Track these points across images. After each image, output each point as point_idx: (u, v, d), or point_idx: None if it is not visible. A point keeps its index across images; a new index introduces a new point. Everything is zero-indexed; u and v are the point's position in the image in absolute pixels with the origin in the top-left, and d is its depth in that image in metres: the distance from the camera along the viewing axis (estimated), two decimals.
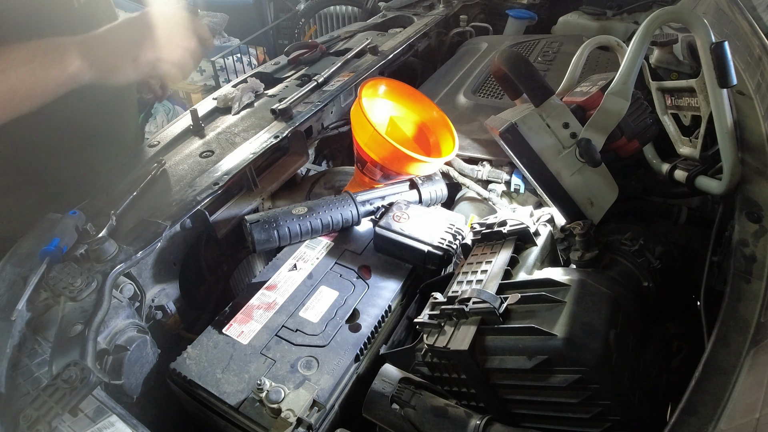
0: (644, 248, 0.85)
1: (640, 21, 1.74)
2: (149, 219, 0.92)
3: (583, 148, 0.92)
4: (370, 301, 0.90)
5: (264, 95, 1.37)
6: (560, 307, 0.67)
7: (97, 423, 0.61)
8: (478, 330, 0.69)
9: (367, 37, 1.77)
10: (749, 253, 0.74)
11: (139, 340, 0.77)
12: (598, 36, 1.10)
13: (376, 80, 1.21)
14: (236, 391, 0.75)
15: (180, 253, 1.02)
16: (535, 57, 1.65)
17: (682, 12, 0.87)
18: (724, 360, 0.60)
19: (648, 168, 1.05)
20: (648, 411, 0.65)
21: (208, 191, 0.99)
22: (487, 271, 0.81)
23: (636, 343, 0.69)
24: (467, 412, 0.68)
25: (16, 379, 0.66)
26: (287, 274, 0.95)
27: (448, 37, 2.11)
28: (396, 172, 1.11)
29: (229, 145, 1.14)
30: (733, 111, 0.86)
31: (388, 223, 0.98)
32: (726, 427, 0.53)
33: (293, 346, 0.81)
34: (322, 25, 3.69)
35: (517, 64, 0.96)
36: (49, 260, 0.77)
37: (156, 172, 1.03)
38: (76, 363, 0.62)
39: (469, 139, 1.24)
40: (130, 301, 0.84)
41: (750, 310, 0.66)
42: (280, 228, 0.96)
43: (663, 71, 1.04)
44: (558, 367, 0.64)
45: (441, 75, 1.65)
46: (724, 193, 0.87)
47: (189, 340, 0.85)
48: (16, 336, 0.70)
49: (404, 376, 0.74)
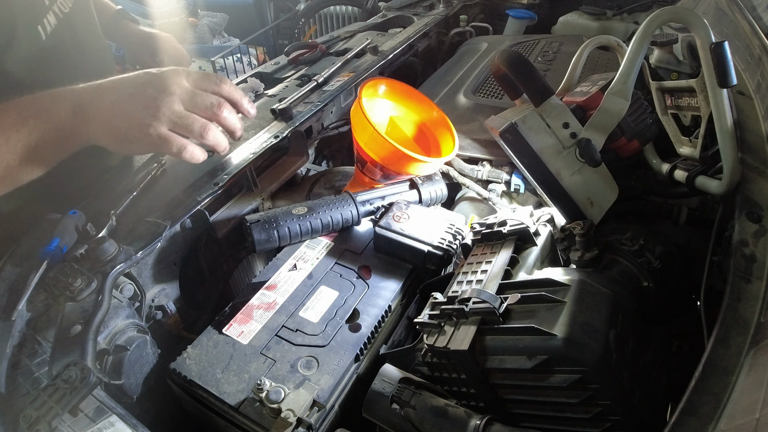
0: (644, 248, 0.85)
1: (640, 21, 1.74)
2: (149, 219, 0.92)
3: (583, 148, 0.92)
4: (370, 301, 0.90)
5: (264, 95, 1.37)
6: (560, 307, 0.67)
7: (97, 423, 0.61)
8: (478, 330, 0.69)
9: (367, 37, 1.77)
10: (749, 253, 0.74)
11: (139, 340, 0.77)
12: (598, 36, 1.10)
13: (376, 80, 1.21)
14: (236, 391, 0.75)
15: (180, 253, 1.02)
16: (535, 57, 1.65)
17: (682, 12, 0.87)
18: (724, 360, 0.60)
19: (648, 168, 1.05)
20: (648, 411, 0.65)
21: (208, 191, 0.99)
22: (487, 271, 0.81)
23: (636, 343, 0.69)
24: (467, 412, 0.68)
25: (16, 379, 0.66)
26: (287, 274, 0.95)
27: (448, 37, 2.11)
28: (396, 172, 1.11)
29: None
30: (733, 111, 0.86)
31: (388, 223, 0.98)
32: (726, 427, 0.53)
33: (293, 346, 0.81)
34: (322, 25, 3.69)
35: (517, 64, 0.96)
36: (49, 260, 0.77)
37: (156, 172, 1.03)
38: (76, 363, 0.62)
39: (469, 139, 1.24)
40: (130, 301, 0.84)
41: (750, 310, 0.66)
42: (280, 228, 0.96)
43: (663, 71, 1.04)
44: (558, 367, 0.64)
45: (441, 75, 1.65)
46: (724, 193, 0.87)
47: (189, 340, 0.85)
48: (16, 336, 0.70)
49: (404, 376, 0.74)
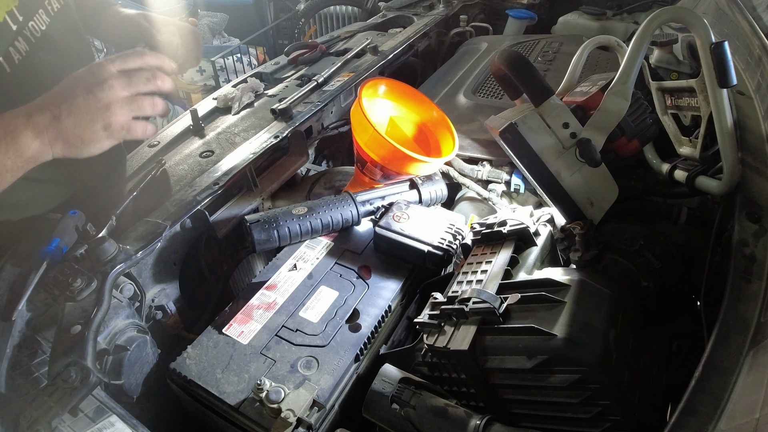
0: (644, 248, 0.85)
1: (640, 21, 1.74)
2: (149, 219, 0.92)
3: (583, 148, 0.92)
4: (370, 301, 0.90)
5: (264, 95, 1.37)
6: (560, 307, 0.67)
7: (97, 423, 0.61)
8: (478, 330, 0.69)
9: (367, 37, 1.77)
10: (749, 253, 0.74)
11: (139, 340, 0.77)
12: (598, 36, 1.10)
13: (376, 80, 1.21)
14: (236, 391, 0.75)
15: (180, 253, 1.02)
16: (535, 57, 1.65)
17: (682, 12, 0.87)
18: (724, 360, 0.60)
19: (648, 168, 1.05)
20: (648, 411, 0.65)
21: (208, 191, 0.99)
22: (487, 271, 0.81)
23: (636, 343, 0.69)
24: (467, 412, 0.68)
25: (16, 379, 0.66)
26: (287, 274, 0.95)
27: (448, 37, 2.11)
28: (396, 172, 1.11)
29: (229, 145, 1.14)
30: (733, 111, 0.86)
31: (388, 223, 0.98)
32: (726, 427, 0.53)
33: (293, 346, 0.81)
34: (322, 25, 3.69)
35: (517, 64, 0.96)
36: (49, 260, 0.77)
37: (156, 172, 1.03)
38: (76, 363, 0.62)
39: (469, 139, 1.24)
40: (130, 301, 0.84)
41: (750, 310, 0.66)
42: (280, 228, 0.96)
43: (663, 71, 1.04)
44: (558, 367, 0.64)
45: (441, 75, 1.65)
46: (724, 193, 0.87)
47: (189, 340, 0.85)
48: (16, 336, 0.70)
49: (404, 376, 0.74)
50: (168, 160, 1.09)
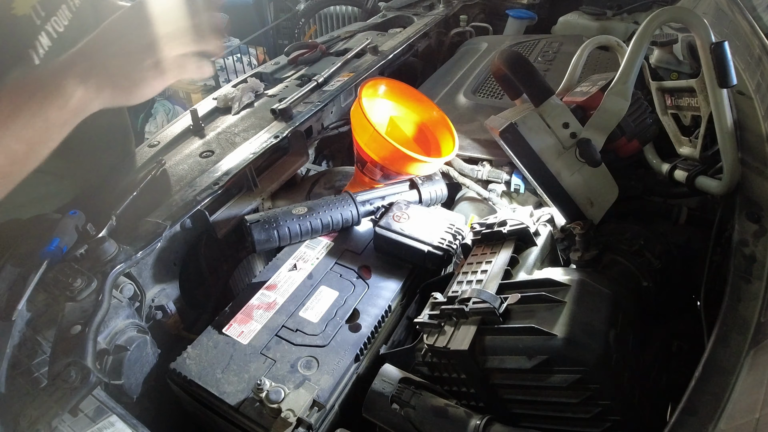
0: (644, 248, 0.85)
1: (640, 21, 1.74)
2: (149, 219, 0.92)
3: (583, 148, 0.92)
4: (370, 301, 0.90)
5: (264, 95, 1.37)
6: (560, 307, 0.67)
7: (97, 423, 0.61)
8: (478, 330, 0.69)
9: (367, 37, 1.77)
10: (749, 253, 0.74)
11: (139, 340, 0.77)
12: (598, 36, 1.10)
13: (376, 80, 1.21)
14: (236, 391, 0.75)
15: (180, 253, 1.02)
16: (535, 57, 1.65)
17: (682, 12, 0.87)
18: (724, 360, 0.60)
19: (648, 168, 1.05)
20: (648, 411, 0.65)
21: (208, 191, 0.99)
22: (487, 271, 0.81)
23: (636, 343, 0.69)
24: (467, 412, 0.68)
25: (16, 379, 0.66)
26: (287, 274, 0.95)
27: (448, 37, 2.11)
28: (396, 172, 1.11)
29: (229, 145, 1.14)
30: (733, 111, 0.86)
31: (388, 223, 0.98)
32: (726, 427, 0.53)
33: (293, 346, 0.81)
34: (322, 25, 3.69)
35: (517, 64, 0.96)
36: (49, 260, 0.77)
37: (156, 172, 1.03)
38: (76, 363, 0.63)
39: (469, 139, 1.24)
40: (130, 301, 0.84)
41: (750, 310, 0.66)
42: (280, 228, 0.96)
43: (663, 71, 1.04)
44: (558, 367, 0.64)
45: (441, 75, 1.65)
46: (724, 193, 0.87)
47: (189, 340, 0.85)
48: (16, 336, 0.70)
49: (404, 376, 0.74)
50: (168, 160, 1.09)
